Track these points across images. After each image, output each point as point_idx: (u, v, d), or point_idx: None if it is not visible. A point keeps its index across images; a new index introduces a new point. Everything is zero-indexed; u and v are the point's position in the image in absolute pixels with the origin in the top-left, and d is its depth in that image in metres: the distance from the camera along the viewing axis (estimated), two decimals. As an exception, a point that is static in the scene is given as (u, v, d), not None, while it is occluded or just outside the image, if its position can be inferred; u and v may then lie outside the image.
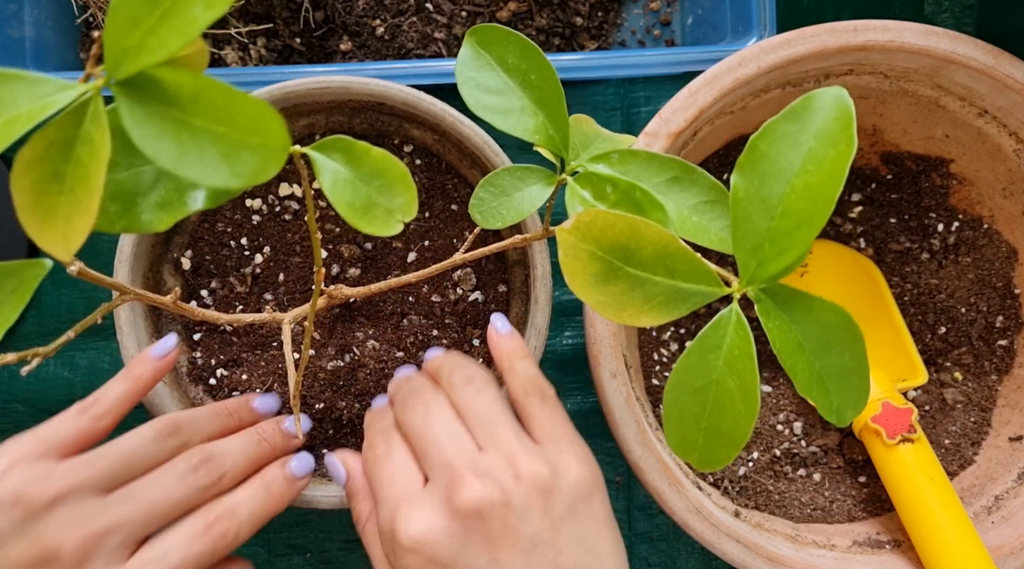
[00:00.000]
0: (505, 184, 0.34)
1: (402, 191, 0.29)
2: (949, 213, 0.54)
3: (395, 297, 0.49)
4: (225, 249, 0.49)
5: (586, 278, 0.29)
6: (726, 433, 0.30)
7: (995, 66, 0.46)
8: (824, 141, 0.27)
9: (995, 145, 0.50)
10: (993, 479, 0.50)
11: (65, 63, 0.58)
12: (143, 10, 0.21)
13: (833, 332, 0.29)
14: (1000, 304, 0.53)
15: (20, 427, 0.56)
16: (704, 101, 0.45)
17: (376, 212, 0.29)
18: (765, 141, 0.28)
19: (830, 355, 0.29)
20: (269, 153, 0.22)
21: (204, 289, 0.49)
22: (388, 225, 0.29)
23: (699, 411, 0.30)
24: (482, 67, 0.33)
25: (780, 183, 0.28)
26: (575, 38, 0.59)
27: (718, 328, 0.29)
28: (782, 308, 0.29)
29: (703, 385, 0.30)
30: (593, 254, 0.28)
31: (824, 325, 0.29)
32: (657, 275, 0.29)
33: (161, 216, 0.27)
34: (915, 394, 0.53)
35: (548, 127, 0.33)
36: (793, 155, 0.28)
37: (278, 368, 0.47)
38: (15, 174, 0.23)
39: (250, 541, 0.54)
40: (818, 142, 0.27)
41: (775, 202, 0.28)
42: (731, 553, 0.44)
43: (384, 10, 0.57)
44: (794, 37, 0.45)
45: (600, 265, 0.28)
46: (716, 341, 0.29)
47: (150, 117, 0.22)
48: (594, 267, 0.29)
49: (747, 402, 0.29)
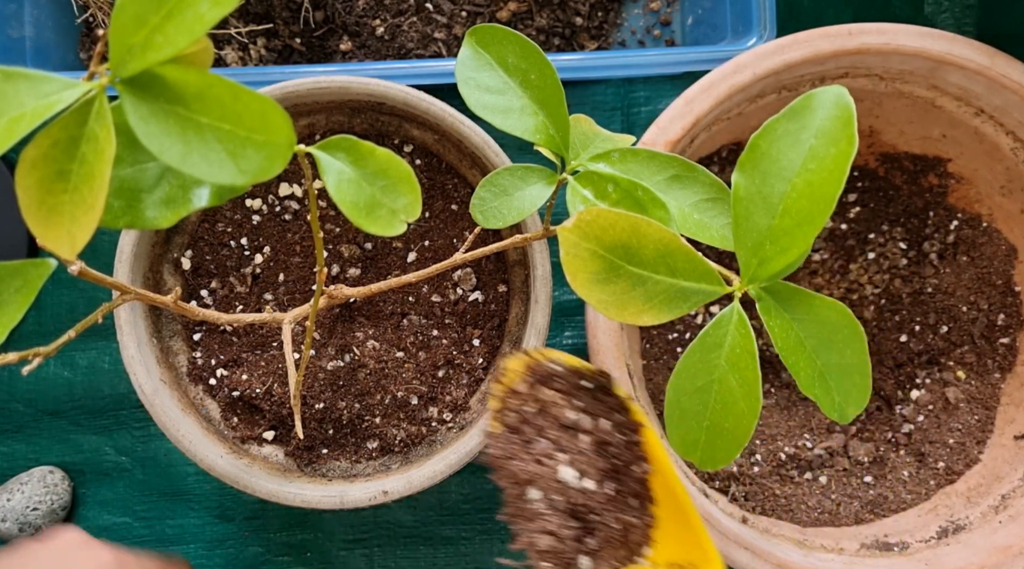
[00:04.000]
0: (506, 183, 0.34)
1: (406, 191, 0.29)
2: (948, 212, 0.54)
3: (395, 297, 0.49)
4: (225, 249, 0.49)
5: (588, 277, 0.29)
6: (728, 431, 0.30)
7: (991, 66, 0.46)
8: (825, 139, 0.27)
9: (992, 144, 0.50)
10: (999, 478, 0.50)
11: (65, 63, 0.58)
12: (149, 8, 0.21)
13: (834, 330, 0.29)
14: (1001, 302, 0.53)
15: (20, 427, 0.56)
16: (701, 109, 0.45)
17: (380, 212, 0.29)
18: (766, 140, 0.28)
19: (832, 353, 0.29)
20: (275, 150, 0.22)
21: (204, 289, 0.49)
22: (392, 225, 0.29)
23: (701, 410, 0.30)
24: (482, 67, 0.33)
25: (781, 181, 0.28)
26: (575, 38, 0.59)
27: (719, 327, 0.29)
28: (784, 306, 0.29)
29: (705, 384, 0.30)
30: (595, 253, 0.28)
31: (825, 323, 0.29)
32: (658, 274, 0.29)
33: (165, 213, 0.27)
34: (918, 394, 0.53)
35: (548, 126, 0.33)
36: (794, 153, 0.28)
37: (278, 368, 0.47)
38: (20, 173, 0.23)
39: (250, 541, 0.55)
40: (819, 140, 0.28)
41: (776, 200, 0.28)
42: (740, 560, 0.43)
43: (384, 10, 0.57)
44: (788, 42, 0.45)
45: (602, 264, 0.29)
46: (718, 339, 0.29)
47: (155, 114, 0.22)
48: (596, 266, 0.29)
49: (749, 400, 0.29)
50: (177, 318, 0.48)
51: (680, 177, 0.33)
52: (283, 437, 0.48)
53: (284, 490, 0.43)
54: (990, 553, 0.46)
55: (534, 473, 0.36)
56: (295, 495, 0.43)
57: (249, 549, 0.55)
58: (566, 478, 0.36)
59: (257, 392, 0.46)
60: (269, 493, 0.43)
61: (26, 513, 0.52)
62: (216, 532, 0.55)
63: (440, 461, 0.44)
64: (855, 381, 0.29)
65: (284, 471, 0.47)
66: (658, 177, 0.33)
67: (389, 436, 0.47)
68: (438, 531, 0.55)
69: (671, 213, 0.31)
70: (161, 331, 0.48)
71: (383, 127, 0.49)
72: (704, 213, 0.32)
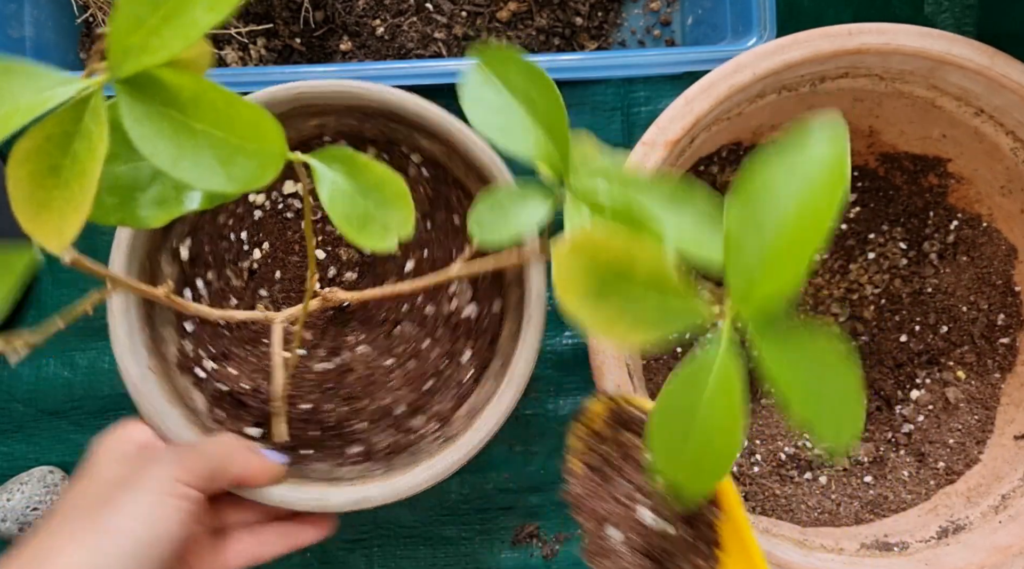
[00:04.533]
0: (504, 200, 0.34)
1: (400, 207, 0.29)
2: (948, 212, 0.54)
3: (389, 304, 0.48)
4: (224, 241, 0.49)
5: (579, 295, 0.28)
6: (711, 457, 0.29)
7: (990, 66, 0.46)
8: (819, 170, 0.27)
9: (992, 144, 0.50)
10: (999, 478, 0.50)
11: (65, 63, 0.58)
12: (146, 10, 0.21)
13: (825, 357, 0.29)
14: (1001, 302, 0.53)
15: (20, 427, 0.56)
16: (701, 109, 0.45)
17: (373, 226, 0.29)
18: (760, 169, 0.28)
19: (823, 381, 0.29)
20: (266, 159, 0.22)
21: (200, 279, 0.48)
22: (383, 240, 0.29)
23: (684, 436, 0.29)
24: (486, 86, 0.34)
25: (774, 211, 0.28)
26: (575, 38, 0.59)
27: (708, 350, 0.29)
28: (773, 332, 0.29)
29: (690, 407, 0.29)
30: (587, 272, 0.28)
31: (816, 350, 0.29)
32: (649, 295, 0.29)
33: (157, 213, 0.27)
34: (918, 394, 0.53)
35: (548, 145, 0.33)
36: (788, 185, 0.28)
37: (267, 365, 0.47)
38: (11, 165, 0.23)
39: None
40: (813, 173, 0.27)
41: (769, 229, 0.28)
42: None
43: (384, 10, 0.57)
44: (788, 42, 0.45)
45: (593, 283, 0.28)
46: (706, 363, 0.29)
47: (149, 117, 0.22)
48: (587, 285, 0.28)
49: (732, 429, 0.29)
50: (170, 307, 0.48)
51: (677, 194, 0.33)
52: (268, 434, 0.47)
53: (264, 490, 0.43)
54: (990, 553, 0.46)
55: (614, 512, 0.37)
56: (276, 495, 0.42)
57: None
58: (644, 519, 0.37)
59: (245, 388, 0.46)
60: (248, 491, 0.42)
61: (26, 513, 0.52)
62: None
63: (426, 470, 0.43)
64: (847, 410, 0.29)
65: None
66: (655, 193, 0.33)
67: (373, 442, 0.47)
68: (438, 531, 0.55)
69: (667, 230, 0.31)
70: (154, 319, 0.47)
71: (393, 134, 0.49)
72: (702, 230, 0.32)
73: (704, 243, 0.32)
